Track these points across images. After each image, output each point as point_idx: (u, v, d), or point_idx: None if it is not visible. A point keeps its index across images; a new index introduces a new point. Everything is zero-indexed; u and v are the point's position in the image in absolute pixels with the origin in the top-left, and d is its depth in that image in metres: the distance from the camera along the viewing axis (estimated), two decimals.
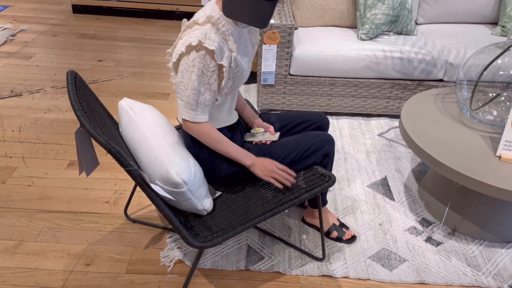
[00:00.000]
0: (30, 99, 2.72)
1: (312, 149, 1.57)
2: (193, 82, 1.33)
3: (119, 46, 3.53)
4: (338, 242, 1.80)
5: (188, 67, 1.32)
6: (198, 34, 1.28)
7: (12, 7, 4.23)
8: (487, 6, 2.80)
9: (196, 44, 1.28)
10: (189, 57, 1.31)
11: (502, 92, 1.89)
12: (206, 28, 1.30)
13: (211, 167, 1.53)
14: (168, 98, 2.83)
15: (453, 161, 1.63)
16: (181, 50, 1.32)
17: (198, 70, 1.31)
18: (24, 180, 2.06)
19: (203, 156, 1.52)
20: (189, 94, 1.35)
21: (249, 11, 1.23)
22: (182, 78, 1.34)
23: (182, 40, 1.33)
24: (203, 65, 1.31)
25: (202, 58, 1.30)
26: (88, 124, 1.20)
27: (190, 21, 1.35)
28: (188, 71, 1.32)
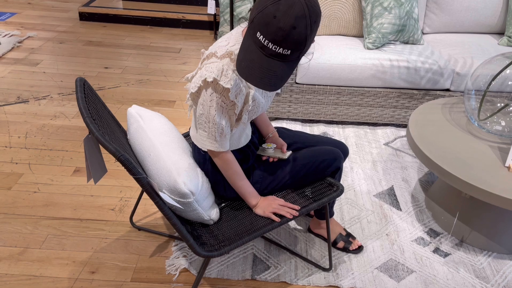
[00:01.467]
0: (37, 105, 2.73)
1: (321, 167, 1.56)
2: (213, 117, 1.29)
3: (125, 54, 3.55)
4: (345, 252, 1.79)
5: (206, 101, 1.28)
6: (215, 70, 1.22)
7: (19, 14, 4.26)
8: (493, 16, 2.80)
9: (212, 81, 1.24)
10: (206, 92, 1.27)
11: (510, 102, 1.88)
12: (224, 63, 1.24)
13: (217, 186, 1.52)
14: (174, 105, 2.83)
15: (461, 171, 1.62)
16: (200, 83, 1.27)
17: (216, 105, 1.27)
18: (29, 187, 2.06)
19: (208, 175, 1.50)
20: (211, 127, 1.32)
21: (263, 73, 1.11)
22: (202, 110, 1.30)
23: (200, 72, 1.28)
24: (222, 100, 1.27)
25: (220, 93, 1.26)
26: (97, 132, 1.19)
27: (209, 52, 1.31)
28: (207, 106, 1.28)
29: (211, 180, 1.51)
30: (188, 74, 1.41)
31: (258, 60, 1.11)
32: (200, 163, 1.49)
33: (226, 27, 3.37)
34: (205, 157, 1.47)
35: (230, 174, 1.43)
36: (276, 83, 1.12)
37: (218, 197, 1.58)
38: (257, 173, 1.53)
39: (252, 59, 1.11)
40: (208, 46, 3.81)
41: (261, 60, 1.10)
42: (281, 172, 1.54)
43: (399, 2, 2.49)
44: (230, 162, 1.41)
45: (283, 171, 1.54)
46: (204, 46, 3.81)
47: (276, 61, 1.11)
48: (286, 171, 1.54)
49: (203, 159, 1.48)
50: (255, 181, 1.52)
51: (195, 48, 3.75)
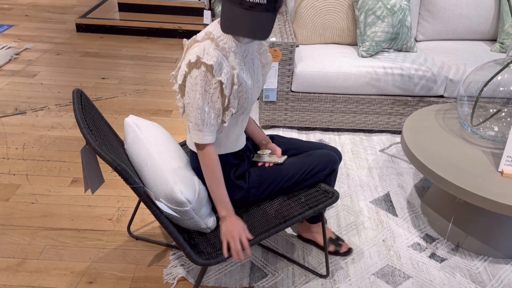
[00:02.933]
0: (34, 116, 2.75)
1: (316, 170, 1.58)
2: (198, 100, 1.30)
3: (122, 64, 3.58)
4: (336, 255, 1.80)
5: (192, 86, 1.30)
6: (197, 50, 1.27)
7: (16, 26, 4.29)
8: (486, 23, 2.84)
9: (195, 60, 1.26)
10: (191, 76, 1.30)
11: (503, 108, 1.90)
12: (205, 44, 1.28)
13: None
14: (171, 115, 2.85)
15: (455, 176, 1.64)
16: (184, 70, 1.31)
17: (201, 88, 1.29)
18: (27, 198, 2.06)
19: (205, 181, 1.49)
20: (196, 114, 1.31)
21: (249, 25, 1.19)
22: (188, 98, 1.32)
23: (184, 60, 1.32)
24: (205, 82, 1.28)
25: (204, 75, 1.27)
26: (94, 142, 1.21)
27: (189, 40, 1.36)
28: (193, 91, 1.30)
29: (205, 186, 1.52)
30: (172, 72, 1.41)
31: (240, 14, 1.18)
32: (198, 169, 1.50)
33: None
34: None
35: (208, 173, 1.38)
36: (262, 32, 1.20)
37: None
38: (254, 178, 1.54)
39: (234, 16, 1.19)
40: None
41: (242, 14, 1.18)
42: (277, 176, 1.55)
43: (391, 11, 2.52)
44: (212, 159, 1.37)
45: (279, 175, 1.55)
46: None
47: (256, 12, 1.19)
48: (282, 175, 1.55)
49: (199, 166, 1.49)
50: (252, 186, 1.53)
51: None
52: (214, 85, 1.29)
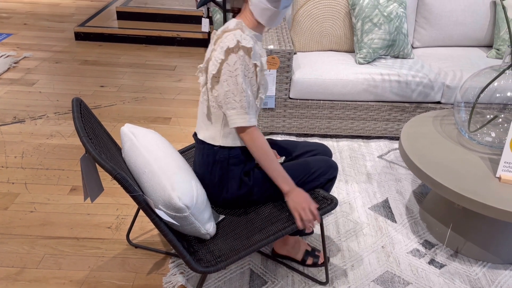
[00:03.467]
0: (33, 125, 2.75)
1: (317, 173, 1.59)
2: (241, 85, 1.35)
3: (120, 72, 3.59)
4: (314, 267, 1.79)
5: (231, 72, 1.34)
6: (233, 36, 1.33)
7: (15, 35, 4.31)
8: (481, 30, 2.87)
9: (234, 45, 1.32)
10: (229, 62, 1.34)
11: (500, 113, 1.92)
12: (237, 32, 1.35)
13: (219, 188, 1.54)
14: (170, 122, 2.86)
15: (453, 182, 1.65)
16: (220, 57, 1.34)
17: (241, 72, 1.34)
18: (26, 206, 2.06)
19: (213, 176, 1.52)
20: (241, 98, 1.36)
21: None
22: (228, 86, 1.35)
23: (218, 49, 1.36)
24: (244, 66, 1.34)
25: (242, 59, 1.33)
26: (93, 151, 1.21)
27: (219, 31, 1.40)
28: (233, 76, 1.34)
29: (216, 181, 1.52)
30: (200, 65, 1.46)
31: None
32: (209, 164, 1.51)
33: None
34: (215, 157, 1.50)
35: (261, 154, 1.41)
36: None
37: (219, 202, 1.58)
38: (258, 176, 1.54)
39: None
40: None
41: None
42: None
43: (388, 18, 2.55)
44: (262, 140, 1.41)
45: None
46: (199, 63, 3.86)
47: None
48: None
49: (213, 160, 1.50)
50: (255, 184, 1.53)
51: (190, 66, 3.80)
52: (251, 69, 1.37)
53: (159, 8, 4.56)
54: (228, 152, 1.50)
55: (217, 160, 1.50)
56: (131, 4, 4.69)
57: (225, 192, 1.54)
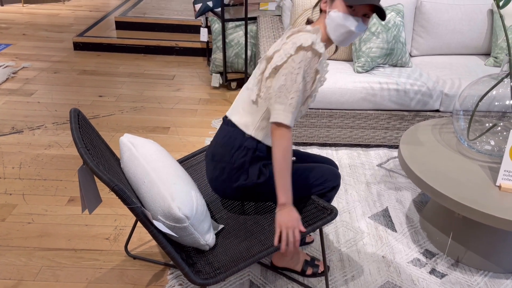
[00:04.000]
0: (31, 135, 2.74)
1: (324, 178, 1.58)
2: (298, 84, 1.34)
3: (119, 82, 3.59)
4: (314, 277, 1.77)
5: (293, 69, 1.34)
6: (310, 37, 1.34)
7: (14, 45, 4.32)
8: (479, 38, 2.88)
9: (308, 45, 1.33)
10: (295, 59, 1.34)
11: (499, 122, 1.92)
12: (313, 35, 1.37)
13: (236, 173, 1.50)
14: (168, 131, 2.85)
15: (453, 191, 1.64)
16: (290, 52, 1.35)
17: (303, 72, 1.35)
18: (24, 218, 2.05)
19: (234, 160, 1.49)
20: (293, 97, 1.35)
21: None
22: (285, 81, 1.35)
23: (291, 43, 1.36)
24: (308, 68, 1.36)
25: (309, 61, 1.35)
26: (91, 162, 1.20)
27: (295, 29, 1.42)
28: (294, 73, 1.34)
29: (235, 166, 1.49)
30: (268, 52, 1.45)
31: None
32: (234, 147, 1.49)
33: (218, 53, 3.43)
34: (242, 143, 1.48)
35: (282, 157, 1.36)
36: None
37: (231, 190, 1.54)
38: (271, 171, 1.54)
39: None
40: (201, 72, 3.87)
41: None
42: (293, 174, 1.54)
43: (386, 27, 2.56)
44: (289, 144, 1.38)
45: (294, 174, 1.55)
46: (198, 72, 3.87)
47: None
48: (296, 174, 1.55)
49: (239, 145, 1.48)
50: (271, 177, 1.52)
51: (188, 75, 3.80)
52: (312, 74, 1.39)
53: (157, 18, 4.58)
54: (256, 144, 1.49)
55: (244, 146, 1.48)
56: (129, 14, 4.71)
57: (243, 179, 1.50)
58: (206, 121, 3.02)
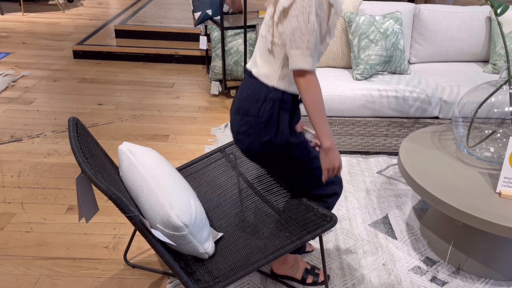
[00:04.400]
0: (30, 143, 2.74)
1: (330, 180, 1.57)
2: (312, 24, 1.25)
3: (118, 90, 3.60)
4: (314, 286, 1.76)
5: (304, 8, 1.24)
6: None
7: (14, 54, 4.33)
8: (477, 45, 2.89)
9: None
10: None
11: (498, 128, 1.91)
12: None
13: (264, 128, 1.43)
14: (167, 139, 2.85)
15: (453, 198, 1.63)
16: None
17: (314, 10, 1.25)
18: (22, 226, 2.04)
19: (260, 113, 1.42)
20: (309, 39, 1.26)
21: None
22: (297, 23, 1.25)
23: None
24: (319, 5, 1.25)
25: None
26: (89, 171, 1.20)
27: None
28: (305, 14, 1.24)
29: (263, 120, 1.42)
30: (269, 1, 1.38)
31: None
32: (259, 100, 1.41)
33: (218, 61, 3.44)
34: (268, 95, 1.41)
35: (315, 103, 1.31)
36: None
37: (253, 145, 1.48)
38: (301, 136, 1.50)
39: None
40: (200, 80, 3.87)
41: None
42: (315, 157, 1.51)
43: (384, 35, 2.56)
44: (318, 88, 1.31)
45: (316, 158, 1.52)
46: (197, 80, 3.87)
47: None
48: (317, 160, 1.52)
49: (264, 97, 1.41)
50: (301, 143, 1.49)
51: (187, 83, 3.81)
52: (325, 9, 1.28)
53: (157, 26, 4.60)
54: (281, 94, 1.40)
55: (269, 98, 1.40)
56: (129, 23, 4.73)
57: (272, 133, 1.43)
58: (206, 128, 3.02)
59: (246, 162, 1.92)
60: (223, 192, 1.82)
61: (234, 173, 1.88)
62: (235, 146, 1.98)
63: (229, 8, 3.62)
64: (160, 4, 5.77)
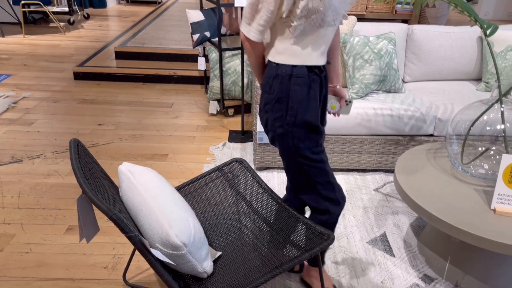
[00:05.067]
0: (30, 164, 2.76)
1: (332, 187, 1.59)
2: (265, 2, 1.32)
3: (118, 110, 3.64)
4: None
5: None
6: None
7: (14, 76, 4.39)
8: (470, 64, 2.95)
9: None
10: None
11: (491, 146, 1.95)
12: None
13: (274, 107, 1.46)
14: (167, 159, 2.88)
15: (449, 215, 1.66)
16: None
17: None
18: (22, 247, 2.05)
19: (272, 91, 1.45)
20: (247, 9, 1.36)
21: None
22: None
23: None
24: None
25: None
26: (90, 191, 1.23)
27: None
28: None
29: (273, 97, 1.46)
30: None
31: None
32: (270, 77, 1.46)
33: (216, 81, 3.50)
34: (277, 72, 1.44)
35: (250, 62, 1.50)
36: None
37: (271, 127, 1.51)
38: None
39: None
40: (199, 100, 3.93)
41: None
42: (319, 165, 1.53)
43: (379, 55, 2.62)
44: (250, 51, 1.44)
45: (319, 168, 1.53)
46: (196, 100, 3.93)
47: None
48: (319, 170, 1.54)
49: (274, 75, 1.45)
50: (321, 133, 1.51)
51: (186, 102, 3.86)
52: None
53: (156, 48, 4.68)
54: (291, 69, 1.42)
55: (278, 74, 1.43)
56: (129, 44, 4.81)
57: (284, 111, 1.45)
58: (204, 147, 3.06)
59: (243, 181, 1.94)
60: (221, 210, 1.83)
61: (232, 191, 1.91)
62: (232, 165, 2.01)
63: (226, 30, 3.70)
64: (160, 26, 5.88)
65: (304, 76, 1.43)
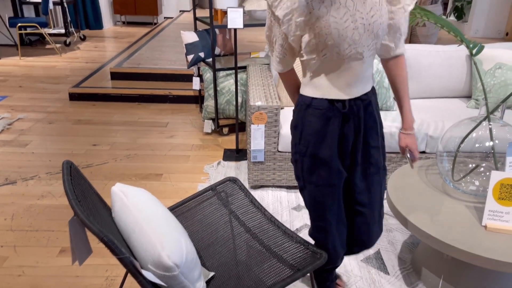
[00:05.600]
0: (24, 186, 2.76)
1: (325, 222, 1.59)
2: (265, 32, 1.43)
3: (113, 130, 3.66)
4: None
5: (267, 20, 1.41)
6: None
7: (10, 97, 4.41)
8: (460, 81, 3.00)
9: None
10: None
11: (481, 162, 1.97)
12: None
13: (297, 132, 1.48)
14: (161, 178, 2.89)
15: (440, 232, 1.66)
16: None
17: (268, 20, 1.38)
18: (14, 270, 2.03)
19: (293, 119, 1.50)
20: (267, 41, 1.44)
21: None
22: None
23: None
24: (270, 14, 1.36)
25: (269, 8, 1.34)
26: (82, 214, 1.23)
27: None
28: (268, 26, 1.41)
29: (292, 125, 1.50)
30: None
31: None
32: (297, 105, 1.48)
33: (210, 101, 3.53)
34: (300, 100, 1.46)
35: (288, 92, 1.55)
36: None
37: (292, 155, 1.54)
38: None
39: None
40: (194, 119, 3.95)
41: None
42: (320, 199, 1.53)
43: None
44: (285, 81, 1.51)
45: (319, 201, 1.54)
46: (191, 119, 3.95)
47: None
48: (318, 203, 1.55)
49: (298, 102, 1.47)
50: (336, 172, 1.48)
51: (181, 122, 3.88)
52: (273, 20, 1.36)
53: (151, 68, 4.73)
54: (311, 100, 1.41)
55: (299, 103, 1.45)
56: (124, 65, 4.86)
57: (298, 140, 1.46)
58: (199, 166, 3.07)
59: (237, 200, 1.95)
60: (214, 230, 1.84)
61: (225, 210, 1.91)
62: (226, 184, 2.02)
63: (220, 50, 3.76)
64: (155, 47, 5.95)
65: (322, 109, 1.39)
